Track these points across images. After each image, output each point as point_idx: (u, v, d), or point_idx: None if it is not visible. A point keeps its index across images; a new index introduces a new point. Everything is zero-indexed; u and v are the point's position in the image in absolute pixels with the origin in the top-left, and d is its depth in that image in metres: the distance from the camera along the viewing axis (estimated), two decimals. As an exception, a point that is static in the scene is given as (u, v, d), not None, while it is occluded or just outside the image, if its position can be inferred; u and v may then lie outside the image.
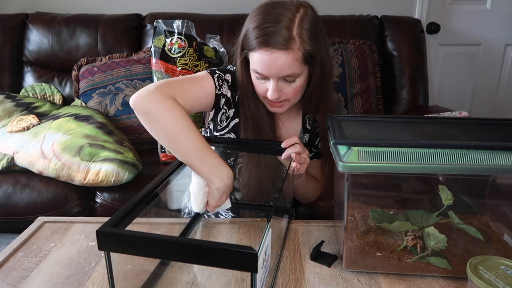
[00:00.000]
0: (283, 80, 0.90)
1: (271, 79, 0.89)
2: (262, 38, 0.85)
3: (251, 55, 0.91)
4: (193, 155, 0.81)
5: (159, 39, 1.76)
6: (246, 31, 0.90)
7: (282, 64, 0.86)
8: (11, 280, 0.74)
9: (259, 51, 0.87)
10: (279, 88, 0.91)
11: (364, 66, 2.00)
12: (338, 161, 0.69)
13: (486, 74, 2.57)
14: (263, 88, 0.93)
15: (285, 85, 0.91)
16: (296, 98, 0.97)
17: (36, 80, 2.08)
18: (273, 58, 0.85)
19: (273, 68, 0.87)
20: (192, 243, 0.53)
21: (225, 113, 1.02)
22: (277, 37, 0.84)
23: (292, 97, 0.94)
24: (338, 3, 2.36)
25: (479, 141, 0.69)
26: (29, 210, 1.47)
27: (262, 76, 0.91)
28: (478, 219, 0.77)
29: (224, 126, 1.03)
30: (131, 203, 0.61)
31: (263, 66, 0.88)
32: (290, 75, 0.88)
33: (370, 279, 0.74)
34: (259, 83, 0.94)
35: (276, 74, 0.88)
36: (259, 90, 0.95)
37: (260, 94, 0.96)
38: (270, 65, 0.87)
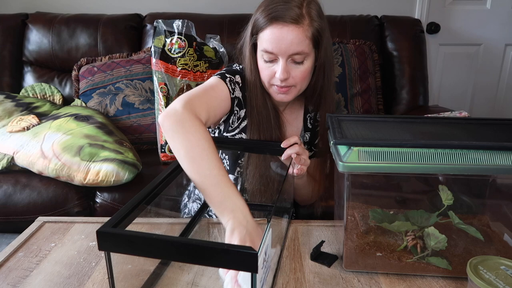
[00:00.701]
0: (291, 61, 0.91)
1: (280, 58, 0.89)
2: (273, 14, 0.87)
3: (261, 36, 0.91)
4: (208, 180, 0.74)
5: (159, 39, 1.76)
6: (255, 18, 0.92)
7: (292, 39, 0.86)
8: (11, 280, 0.74)
9: (270, 27, 0.88)
10: (287, 69, 0.90)
11: (364, 66, 2.00)
12: (338, 161, 0.69)
13: (486, 74, 2.57)
14: (271, 72, 0.93)
15: (293, 67, 0.91)
16: (303, 85, 0.96)
17: (36, 80, 2.08)
18: (284, 32, 0.86)
19: (283, 44, 0.87)
20: (192, 243, 0.53)
21: (236, 114, 1.03)
22: (288, 12, 0.86)
23: (299, 81, 0.93)
24: (338, 3, 2.36)
25: (479, 141, 0.69)
26: (29, 210, 1.47)
27: (271, 57, 0.91)
28: (478, 219, 0.77)
29: (235, 126, 1.04)
30: (131, 203, 0.61)
31: (274, 42, 0.88)
32: (299, 52, 0.88)
33: (370, 279, 0.74)
34: (267, 66, 0.93)
35: (286, 50, 0.88)
36: (266, 75, 0.94)
37: (267, 81, 0.95)
38: (280, 40, 0.87)
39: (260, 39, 0.92)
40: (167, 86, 1.75)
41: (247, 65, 0.99)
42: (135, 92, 1.88)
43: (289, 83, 0.93)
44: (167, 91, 1.75)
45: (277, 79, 0.92)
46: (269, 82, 0.95)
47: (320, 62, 0.95)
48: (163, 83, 1.75)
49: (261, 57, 0.93)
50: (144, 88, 1.89)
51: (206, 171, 0.74)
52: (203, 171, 0.74)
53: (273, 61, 0.92)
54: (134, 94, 1.88)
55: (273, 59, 0.91)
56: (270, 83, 0.95)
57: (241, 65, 1.04)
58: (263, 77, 0.96)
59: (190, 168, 0.76)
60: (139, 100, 1.88)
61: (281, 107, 1.08)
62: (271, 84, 0.95)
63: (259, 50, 0.94)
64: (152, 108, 1.86)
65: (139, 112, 1.87)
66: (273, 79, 0.93)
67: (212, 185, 0.73)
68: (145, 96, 1.88)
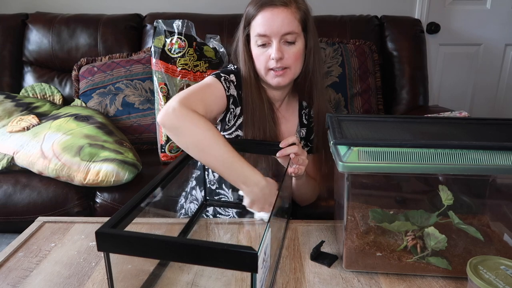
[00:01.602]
0: (284, 42, 0.95)
1: (273, 39, 0.94)
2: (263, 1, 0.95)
3: (253, 24, 0.96)
4: (223, 163, 0.83)
5: (159, 39, 1.76)
6: (246, 12, 0.98)
7: (283, 18, 0.93)
8: (11, 280, 0.74)
9: (261, 12, 0.94)
10: (281, 49, 0.95)
11: (364, 66, 2.00)
12: (338, 161, 0.69)
13: (486, 74, 2.57)
14: (266, 56, 0.97)
15: (286, 48, 0.96)
16: (297, 67, 0.99)
17: (36, 80, 2.08)
18: (275, 13, 0.93)
19: (275, 24, 0.93)
20: (192, 244, 0.53)
21: (232, 112, 1.04)
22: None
23: (293, 62, 0.97)
24: (338, 3, 2.36)
25: (479, 141, 0.69)
26: (29, 210, 1.47)
27: (264, 40, 0.95)
28: (478, 219, 0.77)
29: (232, 124, 1.05)
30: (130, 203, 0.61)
31: (266, 24, 0.93)
32: (291, 32, 0.94)
33: (370, 279, 0.74)
34: (262, 52, 0.97)
35: (278, 30, 0.93)
36: (262, 61, 0.98)
37: (263, 66, 0.98)
38: (272, 21, 0.93)
39: (253, 27, 0.97)
40: (167, 86, 1.75)
41: (242, 59, 1.02)
42: (135, 92, 1.88)
43: (284, 63, 0.96)
44: (167, 91, 1.75)
45: (273, 61, 0.95)
46: (266, 68, 0.98)
47: (309, 47, 0.99)
48: (163, 83, 1.75)
49: (255, 44, 0.97)
50: (144, 88, 1.89)
51: (217, 154, 0.83)
52: (215, 155, 0.83)
53: (266, 45, 0.96)
54: (134, 94, 1.88)
55: (267, 42, 0.96)
56: (267, 67, 0.98)
57: (236, 66, 1.07)
58: (260, 64, 0.99)
59: (204, 158, 0.85)
60: (139, 100, 1.88)
61: (277, 102, 1.09)
62: (268, 69, 0.98)
63: (252, 38, 0.97)
64: (152, 108, 1.86)
65: (139, 112, 1.87)
66: (269, 62, 0.97)
67: (227, 167, 0.83)
68: (145, 96, 1.88)
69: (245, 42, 1.00)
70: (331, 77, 1.97)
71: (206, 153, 0.83)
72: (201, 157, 0.85)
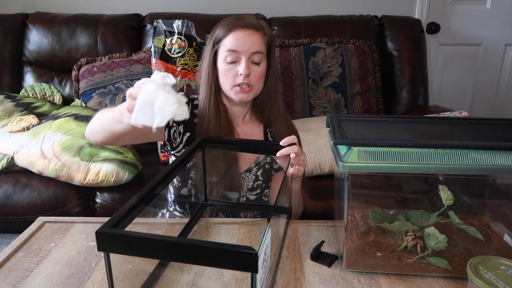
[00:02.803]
0: (251, 62, 1.01)
1: (243, 57, 1.00)
2: (236, 22, 1.01)
3: (223, 42, 1.01)
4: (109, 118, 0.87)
5: (159, 39, 1.76)
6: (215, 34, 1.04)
7: (254, 39, 1.00)
8: (11, 280, 0.74)
9: (234, 32, 1.00)
10: (249, 67, 1.00)
11: (364, 66, 2.00)
12: (338, 161, 0.69)
13: (486, 74, 2.57)
14: (234, 72, 1.01)
15: (252, 67, 1.01)
16: (259, 86, 1.04)
17: (36, 80, 2.08)
18: (247, 33, 1.00)
19: (246, 43, 0.99)
20: (192, 244, 0.53)
21: (176, 129, 1.05)
22: (248, 21, 1.02)
23: (256, 81, 1.02)
24: (338, 3, 2.36)
25: (479, 141, 0.69)
26: (29, 210, 1.47)
27: (233, 57, 1.00)
28: (478, 219, 0.77)
29: (179, 142, 1.06)
30: (130, 203, 0.61)
31: (237, 42, 1.00)
32: (258, 51, 1.00)
33: (370, 279, 0.74)
34: (230, 68, 1.01)
35: (249, 48, 0.99)
36: (229, 76, 1.01)
37: (230, 82, 1.02)
38: (243, 39, 1.00)
39: (223, 44, 1.02)
40: (167, 86, 1.75)
41: (205, 75, 1.06)
42: (135, 92, 1.88)
43: (249, 81, 1.01)
44: (167, 91, 1.75)
45: (241, 77, 1.00)
46: (232, 83, 1.02)
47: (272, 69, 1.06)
48: (163, 83, 1.75)
49: (224, 60, 1.01)
50: (144, 88, 1.89)
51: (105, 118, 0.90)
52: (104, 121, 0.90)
53: (235, 62, 1.01)
54: (134, 94, 1.88)
55: (236, 60, 1.00)
56: (233, 83, 1.01)
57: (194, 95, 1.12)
58: (226, 80, 1.02)
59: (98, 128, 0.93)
60: (139, 100, 1.88)
61: (237, 118, 1.10)
62: (234, 85, 1.01)
63: (221, 53, 1.02)
64: (152, 108, 1.86)
65: (139, 112, 1.87)
66: (236, 78, 1.01)
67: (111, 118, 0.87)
68: (145, 96, 1.88)
69: (211, 59, 1.04)
70: (331, 77, 1.97)
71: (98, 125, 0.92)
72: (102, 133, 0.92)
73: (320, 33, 2.06)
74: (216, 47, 1.03)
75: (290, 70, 1.97)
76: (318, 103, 1.97)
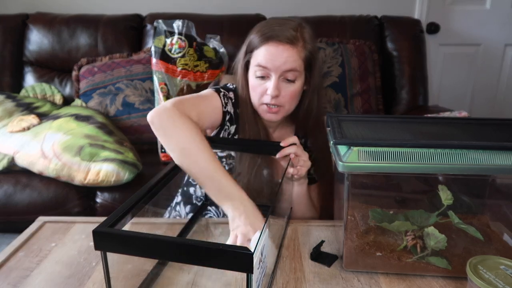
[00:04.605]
0: (283, 80, 0.93)
1: (273, 74, 0.92)
2: (270, 33, 0.91)
3: (255, 54, 0.94)
4: (206, 173, 0.78)
5: (159, 39, 1.76)
6: (250, 38, 0.95)
7: (287, 56, 0.90)
8: (11, 280, 0.74)
9: (266, 45, 0.91)
10: (279, 87, 0.92)
11: (364, 66, 2.00)
12: (338, 161, 0.69)
13: (486, 74, 2.57)
14: (262, 89, 0.94)
15: (284, 86, 0.93)
16: (292, 106, 0.98)
17: (36, 80, 2.08)
18: (279, 50, 0.90)
19: (277, 60, 0.90)
20: (188, 243, 0.53)
21: (227, 129, 1.03)
22: (284, 33, 0.91)
23: (288, 101, 0.95)
24: (338, 3, 2.36)
25: (479, 141, 0.69)
26: (30, 210, 1.47)
27: (264, 72, 0.93)
28: (478, 219, 0.77)
29: None
30: (128, 203, 0.61)
31: (268, 58, 0.91)
32: (292, 69, 0.91)
33: (370, 279, 0.74)
34: (259, 84, 0.95)
35: (280, 66, 0.91)
36: (257, 93, 0.96)
37: (257, 98, 0.96)
38: (275, 56, 0.90)
39: (255, 56, 0.94)
40: (167, 86, 1.75)
41: (239, 82, 1.00)
42: (135, 92, 1.89)
43: (279, 101, 0.94)
44: (167, 91, 1.75)
45: (268, 96, 0.93)
46: (260, 101, 0.96)
47: (313, 85, 0.98)
48: (163, 83, 1.75)
49: (254, 73, 0.95)
50: (144, 88, 1.90)
51: (202, 163, 0.78)
52: (199, 164, 0.78)
53: (265, 78, 0.94)
54: (134, 94, 1.88)
55: (266, 75, 0.93)
56: (261, 101, 0.96)
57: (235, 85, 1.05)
58: (254, 95, 0.97)
59: (187, 162, 0.79)
60: (139, 100, 1.88)
61: (271, 128, 1.07)
62: (261, 103, 0.96)
63: (252, 66, 0.95)
64: (152, 108, 1.86)
65: (139, 112, 1.87)
66: (264, 97, 0.95)
67: (210, 178, 0.78)
68: (145, 96, 1.89)
69: (244, 68, 0.98)
70: (331, 77, 1.97)
71: (190, 160, 0.79)
72: (183, 163, 0.79)
73: (320, 33, 2.06)
74: (248, 57, 0.97)
75: (290, 70, 1.97)
76: (318, 103, 1.97)
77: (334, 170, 0.86)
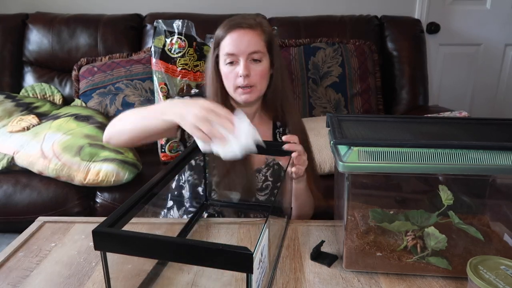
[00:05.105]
0: (251, 61, 1.01)
1: (241, 58, 1.00)
2: (232, 23, 1.02)
3: (222, 45, 1.02)
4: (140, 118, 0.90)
5: (159, 39, 1.76)
6: (216, 35, 1.04)
7: (250, 38, 1.00)
8: (11, 280, 0.74)
9: (230, 34, 1.01)
10: (248, 67, 1.00)
11: (364, 66, 2.00)
12: (338, 161, 0.69)
13: (486, 74, 2.57)
14: (234, 74, 1.01)
15: (253, 67, 1.01)
16: (263, 85, 1.04)
17: (36, 80, 2.08)
18: (241, 34, 1.00)
19: (242, 44, 1.00)
20: (187, 243, 0.53)
21: None
22: (244, 21, 1.02)
23: (259, 81, 1.02)
24: (338, 3, 2.36)
25: (479, 141, 0.69)
26: (29, 210, 1.47)
27: (232, 58, 1.00)
28: (478, 219, 0.77)
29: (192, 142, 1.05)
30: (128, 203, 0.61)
31: (234, 43, 1.00)
32: (257, 51, 1.00)
33: (370, 279, 0.74)
34: (230, 70, 1.01)
35: (245, 49, 0.99)
36: (230, 78, 1.02)
37: (232, 84, 1.02)
38: (240, 41, 1.00)
39: (222, 47, 1.02)
40: (167, 86, 1.75)
41: (210, 78, 1.06)
42: (135, 92, 1.88)
43: (250, 81, 1.00)
44: (167, 91, 1.75)
45: (241, 78, 1.00)
46: (234, 85, 1.02)
47: (276, 66, 1.05)
48: (163, 83, 1.75)
49: (224, 62, 1.02)
50: (144, 88, 1.89)
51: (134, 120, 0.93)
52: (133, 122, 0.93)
53: (234, 63, 1.01)
54: (134, 94, 1.88)
55: (235, 60, 1.01)
56: (235, 85, 1.02)
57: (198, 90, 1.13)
58: (229, 83, 1.03)
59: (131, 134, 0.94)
60: (139, 100, 1.88)
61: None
62: (236, 86, 1.02)
63: (221, 57, 1.02)
64: (152, 108, 1.86)
65: (139, 112, 1.87)
66: (237, 80, 1.01)
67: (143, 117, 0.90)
68: (145, 96, 1.88)
69: (214, 63, 1.05)
70: (331, 77, 1.97)
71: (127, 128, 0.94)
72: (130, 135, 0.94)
73: (320, 33, 2.06)
74: (217, 51, 1.04)
75: (290, 70, 1.97)
76: (318, 103, 1.97)
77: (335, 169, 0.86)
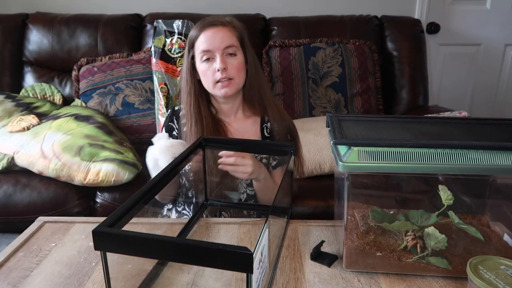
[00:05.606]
0: (226, 55, 1.04)
1: (217, 54, 1.03)
2: (204, 23, 1.06)
3: (197, 45, 1.05)
4: None
5: (159, 39, 1.76)
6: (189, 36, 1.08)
7: (223, 34, 1.04)
8: (11, 280, 0.74)
9: (204, 33, 1.05)
10: (224, 61, 1.04)
11: (364, 66, 2.00)
12: (338, 161, 0.69)
13: (486, 74, 2.57)
14: (212, 70, 1.04)
15: (229, 61, 1.04)
16: (240, 78, 1.07)
17: (36, 80, 2.08)
18: (215, 31, 1.04)
19: (216, 40, 1.04)
20: (187, 243, 0.53)
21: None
22: (217, 20, 1.07)
23: (236, 73, 1.05)
24: (338, 3, 2.36)
25: (479, 141, 0.69)
26: (29, 210, 1.47)
27: (208, 55, 1.04)
28: (478, 219, 0.77)
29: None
30: (128, 203, 0.61)
31: (209, 41, 1.04)
32: (230, 45, 1.04)
33: (370, 279, 0.74)
34: (207, 67, 1.04)
35: (220, 45, 1.03)
36: (209, 75, 1.04)
37: (210, 80, 1.05)
38: (213, 38, 1.04)
39: (197, 47, 1.06)
40: (167, 86, 1.75)
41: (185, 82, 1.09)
42: (135, 92, 1.88)
43: (228, 74, 1.04)
44: (167, 91, 1.75)
45: (219, 73, 1.03)
46: (213, 81, 1.05)
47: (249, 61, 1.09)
48: (163, 83, 1.75)
49: (201, 60, 1.05)
50: (144, 88, 1.89)
51: None
52: None
53: (211, 60, 1.04)
54: (134, 94, 1.88)
55: (211, 57, 1.04)
56: (214, 80, 1.04)
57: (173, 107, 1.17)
58: (207, 79, 1.06)
59: None
60: (139, 100, 1.88)
61: (228, 117, 1.12)
62: (215, 81, 1.04)
63: (197, 56, 1.06)
64: (152, 108, 1.86)
65: (139, 112, 1.87)
66: (215, 75, 1.04)
67: None
68: (145, 96, 1.88)
69: (189, 64, 1.08)
70: (331, 77, 1.97)
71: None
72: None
73: (320, 33, 2.06)
74: (192, 52, 1.07)
75: (290, 70, 1.97)
76: (318, 103, 1.97)
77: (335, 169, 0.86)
